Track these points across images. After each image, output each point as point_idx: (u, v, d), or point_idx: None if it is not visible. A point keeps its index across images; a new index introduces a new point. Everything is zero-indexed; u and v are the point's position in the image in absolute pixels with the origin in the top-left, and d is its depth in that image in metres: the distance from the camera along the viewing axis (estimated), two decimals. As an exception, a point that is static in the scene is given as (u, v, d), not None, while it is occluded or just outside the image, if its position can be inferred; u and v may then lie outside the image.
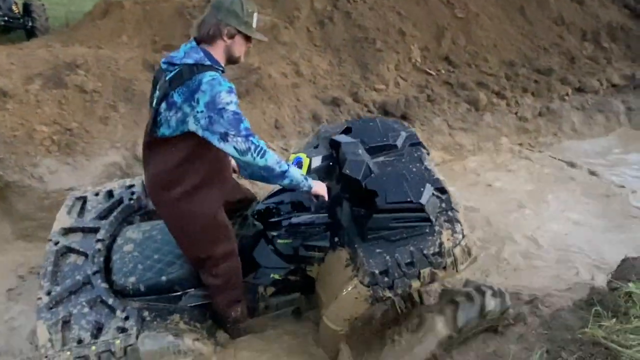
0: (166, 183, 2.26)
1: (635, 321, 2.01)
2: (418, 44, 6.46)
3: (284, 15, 5.99)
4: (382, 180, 2.39)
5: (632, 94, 6.72)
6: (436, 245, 2.32)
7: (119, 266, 2.57)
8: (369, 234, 2.34)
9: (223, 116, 2.03)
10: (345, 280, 2.35)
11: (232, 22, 2.18)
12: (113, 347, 2.25)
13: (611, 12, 8.40)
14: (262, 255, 2.68)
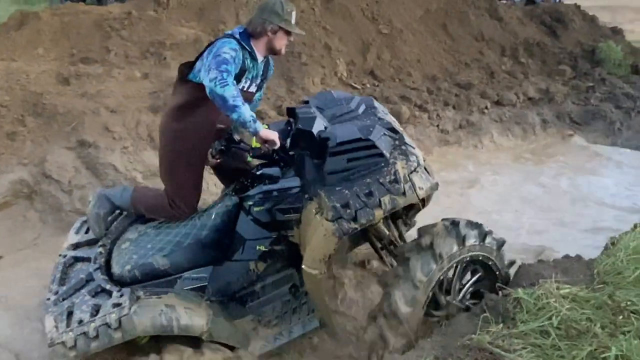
0: (174, 114, 2.74)
1: (521, 326, 2.08)
2: (344, 58, 6.58)
3: (209, 29, 5.95)
4: (334, 128, 2.54)
5: (546, 107, 7.09)
6: (391, 173, 2.45)
7: (116, 260, 2.76)
8: (328, 178, 2.46)
9: (215, 59, 2.44)
10: (314, 227, 2.45)
11: (275, 20, 2.66)
12: (108, 320, 2.39)
13: (528, 29, 8.86)
14: (244, 227, 2.79)
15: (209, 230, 2.78)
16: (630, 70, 8.49)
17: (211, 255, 2.81)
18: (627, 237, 2.83)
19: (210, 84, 2.39)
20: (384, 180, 2.43)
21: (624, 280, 2.42)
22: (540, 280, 2.45)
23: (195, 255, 2.77)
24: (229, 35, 2.65)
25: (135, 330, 2.44)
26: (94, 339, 2.37)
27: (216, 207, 2.84)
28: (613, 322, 2.13)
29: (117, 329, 2.40)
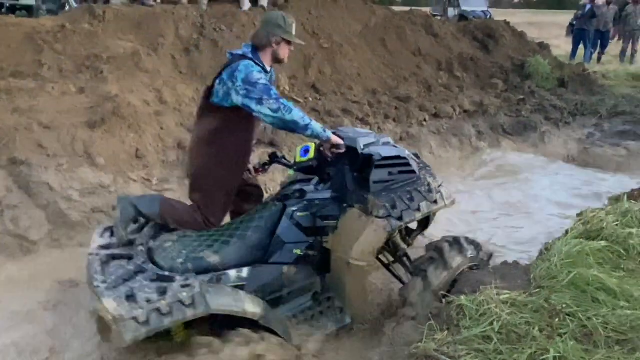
0: (207, 138, 2.92)
1: (464, 332, 2.15)
2: (286, 72, 6.61)
3: (147, 42, 5.84)
4: (372, 148, 3.02)
5: (481, 119, 7.39)
6: (425, 185, 3.08)
7: (164, 256, 2.82)
8: (373, 186, 2.95)
9: (256, 87, 2.66)
10: (362, 226, 2.84)
11: (278, 32, 2.92)
12: (181, 297, 2.47)
13: (462, 44, 9.23)
14: (284, 231, 3.00)
15: (253, 231, 2.97)
16: (557, 83, 8.99)
17: (253, 256, 2.96)
18: (560, 242, 2.98)
19: (276, 114, 2.66)
20: (421, 190, 3.03)
21: (559, 284, 2.55)
22: (481, 287, 2.54)
23: (241, 253, 2.92)
24: (241, 55, 2.88)
25: (208, 306, 2.53)
26: (166, 315, 2.43)
27: (259, 211, 3.07)
28: (550, 325, 2.23)
29: (190, 305, 2.49)
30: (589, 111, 8.06)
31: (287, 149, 5.53)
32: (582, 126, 7.68)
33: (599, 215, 3.35)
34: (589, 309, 2.32)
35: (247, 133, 2.99)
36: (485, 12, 21.49)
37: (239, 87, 2.70)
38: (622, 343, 2.12)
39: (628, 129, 7.31)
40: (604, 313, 2.29)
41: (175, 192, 4.56)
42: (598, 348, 2.09)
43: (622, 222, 3.24)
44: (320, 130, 2.79)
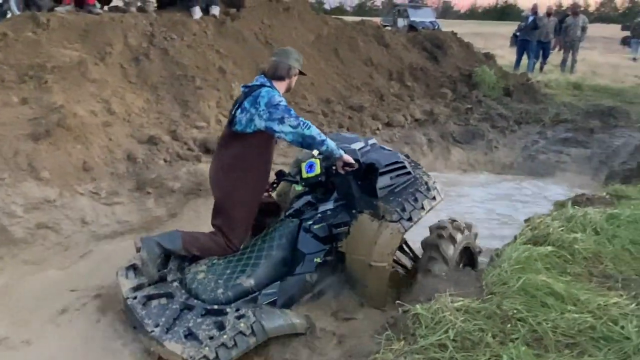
0: (231, 164, 3.16)
1: (420, 341, 2.18)
2: (239, 81, 6.55)
3: (94, 51, 5.66)
4: (371, 157, 3.36)
5: (431, 127, 7.55)
6: (423, 184, 3.50)
7: (202, 288, 3.00)
8: (380, 192, 3.29)
9: (278, 108, 2.95)
10: (376, 230, 3.14)
11: (297, 65, 3.25)
12: (241, 328, 2.67)
13: (412, 54, 9.43)
14: (304, 244, 3.27)
15: (277, 249, 3.22)
16: (503, 93, 9.30)
17: (280, 271, 3.20)
18: (510, 249, 3.08)
19: (295, 130, 2.93)
20: (421, 189, 3.44)
21: (509, 289, 2.62)
22: (436, 295, 2.59)
23: (270, 272, 3.15)
24: (260, 85, 3.11)
25: (266, 333, 2.74)
26: (232, 348, 2.62)
27: (277, 230, 3.32)
28: (502, 331, 2.30)
29: (250, 334, 2.70)
30: (533, 119, 8.36)
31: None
32: (527, 134, 7.95)
33: (545, 221, 3.49)
34: (539, 314, 2.39)
35: (267, 156, 3.25)
36: (433, 23, 22.07)
37: (262, 111, 2.98)
38: (571, 347, 2.20)
39: (570, 136, 7.63)
40: (553, 317, 2.37)
41: (125, 206, 4.44)
42: (548, 352, 2.16)
43: (567, 227, 3.38)
44: (334, 148, 3.05)
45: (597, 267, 2.99)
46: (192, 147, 5.19)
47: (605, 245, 3.19)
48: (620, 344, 2.21)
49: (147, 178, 4.61)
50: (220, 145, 3.31)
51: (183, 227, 4.67)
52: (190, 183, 4.83)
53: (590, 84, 11.99)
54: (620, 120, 8.19)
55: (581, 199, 3.99)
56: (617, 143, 7.36)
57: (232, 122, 3.12)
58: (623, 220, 3.47)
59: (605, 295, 2.61)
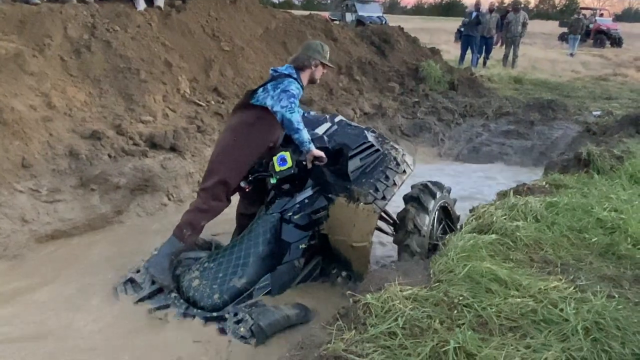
0: (237, 127, 3.52)
1: (371, 330, 2.21)
2: (186, 75, 6.44)
3: (32, 43, 5.41)
4: (338, 141, 3.53)
5: (380, 121, 7.66)
6: (392, 159, 3.64)
7: (199, 296, 3.21)
8: (352, 175, 3.47)
9: (287, 93, 3.34)
10: (353, 212, 3.36)
11: (317, 56, 3.59)
12: (242, 333, 2.89)
13: (360, 48, 9.51)
14: (288, 234, 3.45)
15: (263, 244, 3.41)
16: (448, 87, 9.54)
17: (269, 265, 3.38)
18: (456, 238, 3.16)
19: (281, 110, 3.29)
20: (390, 166, 3.59)
21: (456, 277, 2.70)
22: (385, 284, 2.63)
23: (260, 268, 3.35)
24: (288, 74, 3.47)
25: (265, 332, 2.93)
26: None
27: (260, 226, 3.49)
28: (450, 317, 2.36)
29: (251, 337, 2.90)
30: (477, 112, 8.63)
31: (190, 154, 5.39)
32: (471, 126, 8.19)
33: (489, 210, 3.60)
34: (484, 300, 2.47)
35: (270, 133, 3.51)
36: (380, 18, 22.33)
37: (275, 95, 3.36)
38: (514, 330, 2.29)
39: (512, 129, 7.92)
40: (497, 302, 2.45)
41: (68, 203, 4.29)
42: (493, 336, 2.24)
43: (510, 216, 3.50)
44: (306, 140, 3.32)
45: (537, 253, 3.11)
46: (138, 142, 5.05)
47: (545, 232, 3.33)
48: (559, 325, 2.31)
49: (91, 174, 4.46)
50: (234, 112, 3.71)
51: (130, 224, 4.57)
52: (137, 179, 4.71)
53: (531, 78, 12.47)
54: (559, 113, 8.56)
55: (522, 189, 4.13)
56: (555, 135, 7.69)
57: (251, 96, 3.50)
58: (561, 208, 3.63)
59: (546, 280, 2.72)
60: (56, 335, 3.06)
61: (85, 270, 3.77)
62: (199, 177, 5.35)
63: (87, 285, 3.56)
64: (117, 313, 3.25)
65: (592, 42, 25.59)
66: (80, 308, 3.31)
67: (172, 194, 5.00)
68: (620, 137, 6.13)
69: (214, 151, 3.67)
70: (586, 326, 2.27)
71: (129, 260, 3.79)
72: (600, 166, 4.53)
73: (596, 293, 2.57)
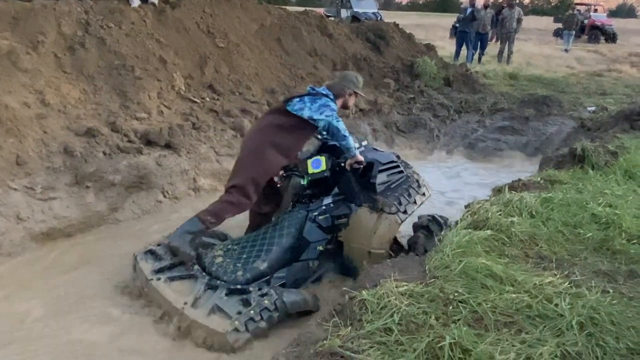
0: (268, 130, 3.65)
1: (367, 326, 2.21)
2: (181, 72, 6.42)
3: (26, 40, 5.37)
4: (368, 156, 3.77)
5: (375, 117, 7.65)
6: (414, 181, 3.94)
7: (222, 271, 3.33)
8: (378, 187, 3.70)
9: (328, 107, 3.58)
10: (375, 221, 3.57)
11: (351, 86, 3.86)
12: (266, 304, 3.01)
13: (356, 45, 9.50)
14: (309, 232, 3.60)
15: (287, 237, 3.56)
16: (443, 83, 9.54)
17: (289, 257, 3.52)
18: (451, 234, 3.17)
19: (327, 118, 3.53)
20: (414, 186, 3.88)
21: (451, 273, 2.71)
22: (381, 280, 2.64)
23: (281, 258, 3.48)
24: (325, 95, 3.69)
25: (287, 308, 3.07)
26: (259, 321, 2.95)
27: (286, 220, 3.66)
28: (445, 313, 2.37)
29: (274, 310, 3.02)
30: (472, 108, 8.63)
31: (185, 151, 5.38)
32: (467, 122, 8.20)
33: (484, 206, 3.61)
34: (479, 295, 2.48)
35: (299, 140, 3.68)
36: (375, 14, 22.29)
37: (314, 107, 3.56)
38: (509, 325, 2.30)
39: (507, 125, 7.92)
40: (492, 298, 2.46)
41: (63, 201, 4.27)
42: (489, 331, 2.25)
43: (505, 212, 3.51)
44: (352, 145, 3.62)
45: (532, 248, 3.12)
46: (133, 139, 5.04)
47: (540, 228, 3.34)
48: (554, 320, 2.32)
49: (86, 172, 4.45)
50: (266, 114, 3.89)
51: (126, 221, 4.57)
52: (132, 176, 4.70)
53: (525, 74, 12.49)
54: (554, 109, 8.58)
55: (517, 184, 4.15)
56: (550, 130, 7.70)
57: (286, 102, 3.68)
58: (556, 204, 3.64)
59: (541, 275, 2.73)
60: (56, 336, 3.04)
61: (84, 268, 3.76)
62: (195, 174, 5.35)
63: (85, 284, 3.56)
64: (118, 314, 3.26)
65: (586, 37, 25.65)
66: (80, 308, 3.31)
67: (167, 191, 4.99)
68: (615, 132, 6.16)
69: (243, 150, 3.76)
70: (581, 321, 2.28)
71: (126, 258, 3.80)
72: (595, 162, 4.54)
73: (591, 288, 2.59)
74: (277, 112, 3.76)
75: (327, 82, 3.98)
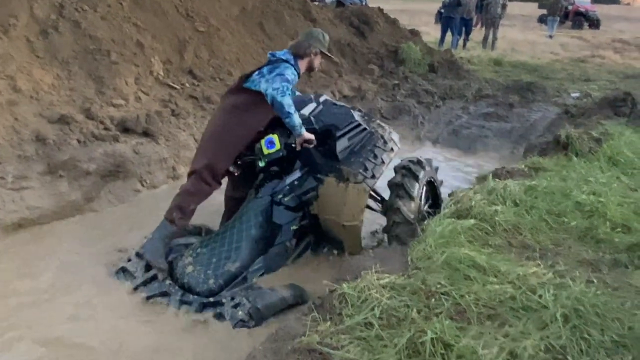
0: (229, 109, 3.51)
1: (347, 320, 2.15)
2: (159, 56, 6.24)
3: (-3, 23, 5.18)
4: (326, 121, 3.54)
5: (359, 103, 7.53)
6: (379, 138, 3.63)
7: (194, 282, 3.20)
8: (340, 155, 3.47)
9: (281, 77, 3.27)
10: (343, 191, 3.39)
11: (317, 45, 3.57)
12: (240, 316, 2.90)
13: (340, 30, 9.36)
14: (278, 216, 3.47)
15: (255, 228, 3.41)
16: (428, 69, 9.45)
17: (262, 248, 3.40)
18: (434, 223, 3.11)
19: (272, 92, 3.22)
20: (378, 144, 3.58)
21: (434, 264, 2.65)
22: (362, 272, 2.57)
23: (253, 251, 3.36)
24: (285, 60, 3.42)
25: (263, 314, 2.94)
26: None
27: (251, 209, 3.49)
28: (427, 306, 2.31)
29: (249, 319, 2.90)
30: (457, 95, 8.57)
31: (164, 138, 5.24)
32: (451, 109, 8.13)
33: (468, 195, 3.55)
34: (462, 287, 2.43)
35: (260, 119, 3.49)
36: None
37: (270, 78, 3.29)
38: (492, 318, 2.25)
39: (491, 111, 7.87)
40: (475, 290, 2.41)
41: (35, 190, 4.13)
42: (471, 324, 2.19)
43: (489, 200, 3.46)
44: (297, 125, 3.29)
45: (516, 237, 3.08)
46: (109, 126, 4.89)
47: (524, 217, 3.30)
48: (538, 313, 2.27)
49: (59, 160, 4.30)
50: (227, 94, 3.69)
51: (102, 211, 4.44)
52: (108, 164, 4.56)
53: (510, 60, 12.47)
54: (538, 95, 8.56)
55: (501, 172, 4.10)
56: (534, 117, 7.67)
57: (245, 80, 3.47)
58: (540, 192, 3.60)
59: (524, 265, 2.69)
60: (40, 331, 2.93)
61: (60, 259, 3.64)
62: (174, 162, 5.22)
63: (63, 275, 3.44)
64: (101, 302, 3.17)
65: (570, 24, 25.68)
66: (59, 299, 3.21)
67: (145, 179, 4.86)
68: (599, 119, 6.14)
69: (204, 134, 3.67)
70: (565, 313, 2.23)
71: (103, 247, 3.75)
72: (579, 149, 4.51)
73: (575, 278, 2.55)
74: (235, 91, 3.57)
75: (291, 42, 3.70)
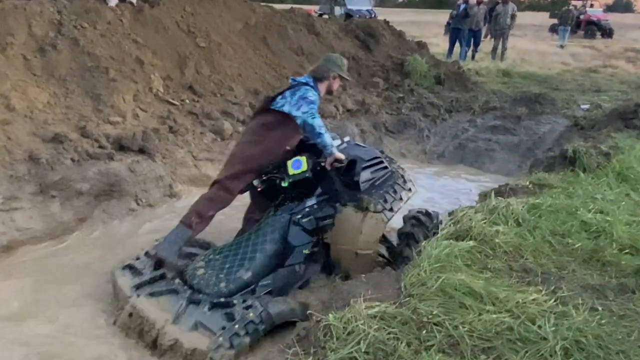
0: (255, 129, 3.68)
1: (330, 355, 2.01)
2: (159, 73, 6.20)
3: (-6, 41, 5.16)
4: (351, 153, 3.62)
5: (363, 117, 7.43)
6: (399, 177, 3.84)
7: (204, 283, 3.17)
8: (362, 185, 3.54)
9: (305, 100, 3.52)
10: (361, 220, 3.39)
11: (335, 69, 3.75)
12: (251, 318, 2.81)
13: (344, 43, 9.28)
14: (294, 236, 3.46)
15: (270, 243, 3.41)
16: (434, 81, 9.31)
17: (274, 264, 3.38)
18: (430, 246, 2.95)
19: (303, 115, 3.48)
20: (399, 182, 3.76)
21: (428, 290, 2.49)
22: (352, 300, 2.43)
23: (266, 265, 3.35)
24: (305, 83, 3.64)
25: (273, 320, 2.86)
26: (244, 336, 2.74)
27: (269, 225, 3.51)
28: (418, 337, 2.16)
29: (260, 322, 2.82)
30: (463, 107, 8.41)
31: (161, 156, 5.16)
32: (457, 122, 7.97)
33: (468, 214, 3.40)
34: (456, 317, 2.28)
35: (286, 137, 3.58)
36: (370, 11, 22.03)
37: (292, 101, 3.54)
38: (487, 351, 2.09)
39: (498, 124, 7.69)
40: (470, 319, 2.26)
41: (26, 211, 4.05)
42: (464, 359, 2.04)
43: (490, 220, 3.31)
44: (329, 143, 3.48)
45: (517, 261, 2.92)
46: (104, 144, 4.81)
47: (526, 238, 3.14)
48: (537, 345, 2.12)
49: (51, 180, 4.22)
50: (254, 116, 3.87)
51: (94, 232, 4.35)
52: (102, 184, 4.47)
53: (519, 71, 12.28)
54: (546, 107, 8.36)
55: (504, 189, 3.94)
56: (543, 130, 7.48)
57: (271, 102, 3.65)
58: (544, 210, 3.44)
59: (524, 291, 2.53)
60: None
61: (51, 281, 3.56)
62: (171, 180, 5.13)
63: (54, 297, 3.37)
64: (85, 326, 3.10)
65: (582, 33, 25.44)
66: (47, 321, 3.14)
67: (141, 198, 4.77)
68: (609, 131, 5.95)
69: (232, 151, 3.85)
70: (566, 346, 2.08)
71: (98, 268, 3.68)
72: (587, 164, 4.34)
73: (578, 306, 2.39)
74: (263, 112, 3.73)
75: (311, 67, 3.91)
